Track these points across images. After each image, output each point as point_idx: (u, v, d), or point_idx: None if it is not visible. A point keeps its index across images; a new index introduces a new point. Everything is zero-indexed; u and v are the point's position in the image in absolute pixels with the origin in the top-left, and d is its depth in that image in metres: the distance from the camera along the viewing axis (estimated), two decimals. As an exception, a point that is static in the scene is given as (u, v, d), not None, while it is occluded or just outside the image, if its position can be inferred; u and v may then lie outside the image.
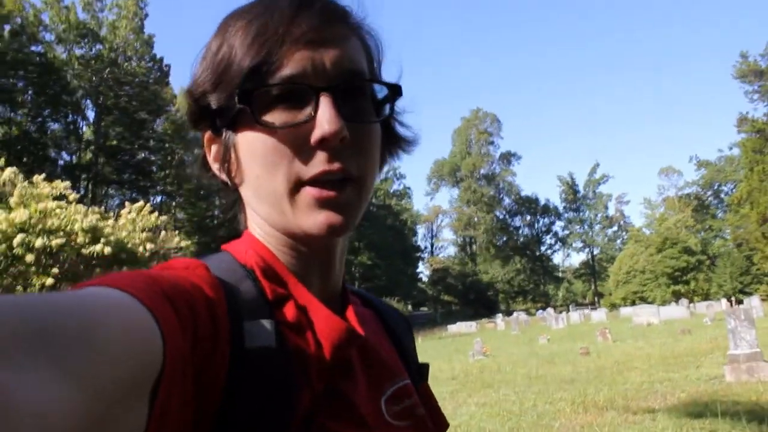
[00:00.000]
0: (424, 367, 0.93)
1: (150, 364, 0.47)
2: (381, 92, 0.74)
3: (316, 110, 0.66)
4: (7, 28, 38.58)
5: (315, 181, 0.67)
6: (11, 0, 38.58)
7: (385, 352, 0.85)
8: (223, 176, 0.75)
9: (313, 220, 0.68)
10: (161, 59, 49.55)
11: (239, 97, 0.66)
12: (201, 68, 0.72)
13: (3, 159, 15.80)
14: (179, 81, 51.75)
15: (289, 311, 0.70)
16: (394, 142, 0.82)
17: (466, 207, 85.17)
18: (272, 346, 0.63)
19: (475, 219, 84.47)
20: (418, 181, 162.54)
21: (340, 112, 0.66)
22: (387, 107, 0.75)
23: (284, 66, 0.66)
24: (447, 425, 0.89)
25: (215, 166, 0.76)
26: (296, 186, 0.67)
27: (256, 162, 0.69)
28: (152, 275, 0.56)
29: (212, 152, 0.76)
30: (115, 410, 0.43)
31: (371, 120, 0.72)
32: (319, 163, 0.67)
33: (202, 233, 48.23)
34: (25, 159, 37.40)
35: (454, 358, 20.11)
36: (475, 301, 76.46)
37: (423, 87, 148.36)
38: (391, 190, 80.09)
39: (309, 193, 0.67)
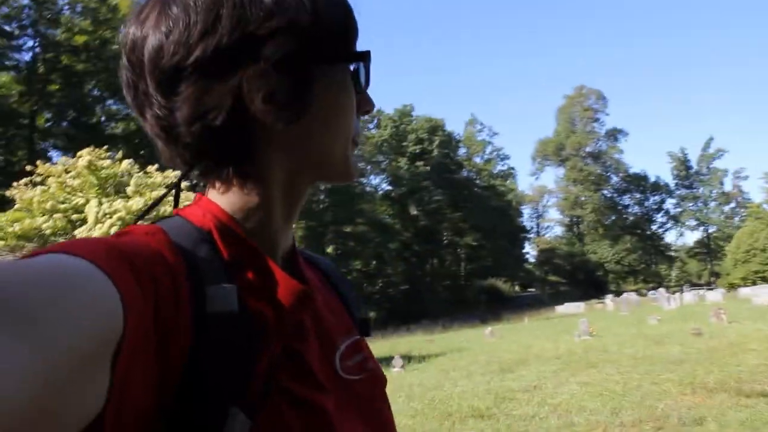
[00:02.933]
0: (366, 322, 0.94)
1: (110, 332, 0.47)
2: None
3: (365, 88, 0.79)
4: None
5: (354, 140, 0.80)
6: (126, 5, 40.57)
7: (335, 310, 0.88)
8: (270, 119, 0.69)
9: (356, 167, 0.80)
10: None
11: (363, 56, 0.76)
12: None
13: (121, 152, 16.79)
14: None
15: (248, 274, 0.70)
16: None
17: (573, 186, 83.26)
18: (234, 311, 0.63)
19: (582, 198, 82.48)
20: (522, 162, 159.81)
21: None
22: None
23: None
24: (385, 380, 0.91)
25: (270, 108, 0.68)
26: (351, 141, 0.78)
27: (340, 114, 0.75)
28: (111, 242, 0.56)
29: (263, 85, 0.67)
30: (74, 378, 0.43)
31: None
32: (360, 129, 0.81)
33: (310, 217, 49.85)
34: (142, 152, 39.39)
35: (560, 338, 19.84)
36: (584, 281, 74.81)
37: (524, 66, 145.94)
38: (495, 171, 79.25)
39: (354, 149, 0.80)
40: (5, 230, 13.78)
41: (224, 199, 0.74)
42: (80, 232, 14.09)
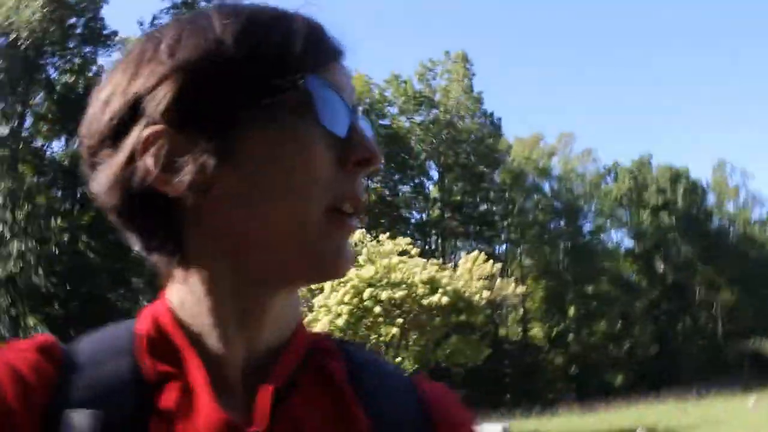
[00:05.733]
0: None
1: None
2: None
3: (356, 129, 0.57)
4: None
5: (340, 210, 0.55)
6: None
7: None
8: (172, 189, 0.53)
9: (340, 258, 0.55)
10: (491, 114, 52.10)
11: (306, 82, 0.53)
12: (219, 36, 0.53)
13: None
14: (510, 132, 53.01)
15: (170, 395, 0.54)
16: None
17: None
18: None
19: None
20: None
21: None
22: None
23: (336, 75, 0.57)
24: None
25: (171, 177, 0.53)
26: (330, 211, 0.54)
27: (286, 175, 0.53)
28: None
29: (163, 153, 0.52)
30: None
31: None
32: (356, 188, 0.56)
33: (550, 277, 49.84)
34: (382, 220, 41.75)
35: None
36: None
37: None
38: (752, 221, 72.46)
39: (343, 223, 0.55)
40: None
41: (176, 294, 0.59)
42: (318, 300, 15.20)
